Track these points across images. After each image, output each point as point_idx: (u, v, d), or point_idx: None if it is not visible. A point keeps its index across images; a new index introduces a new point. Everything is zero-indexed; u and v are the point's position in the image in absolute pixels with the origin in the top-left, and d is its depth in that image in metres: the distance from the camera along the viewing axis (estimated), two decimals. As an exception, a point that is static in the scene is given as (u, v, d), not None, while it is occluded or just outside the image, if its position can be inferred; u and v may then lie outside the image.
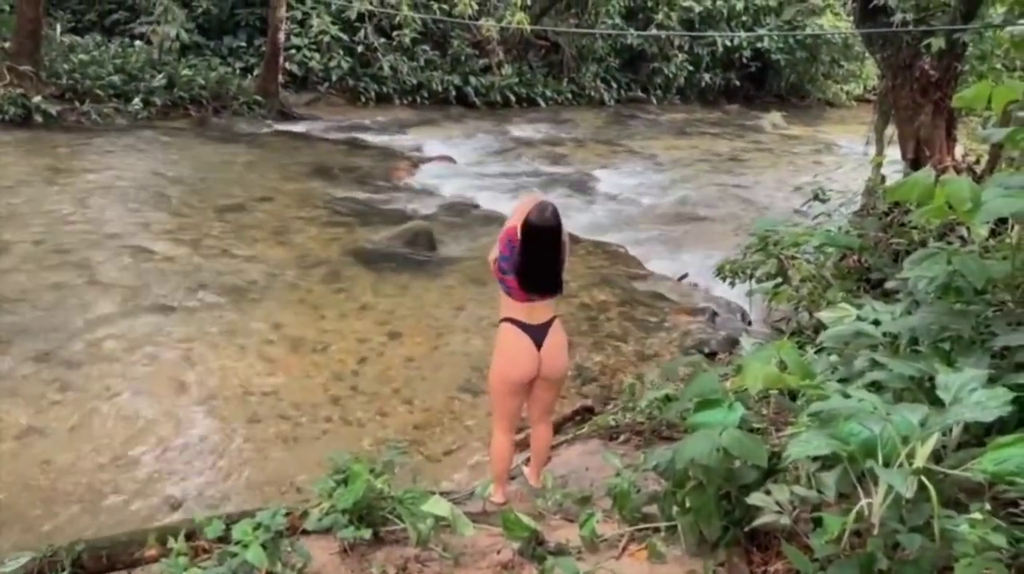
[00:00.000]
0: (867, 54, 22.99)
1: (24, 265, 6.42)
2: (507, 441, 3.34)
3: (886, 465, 1.74)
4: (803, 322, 4.89)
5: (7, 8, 13.85)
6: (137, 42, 14.83)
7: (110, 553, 2.78)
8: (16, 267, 6.37)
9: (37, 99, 11.64)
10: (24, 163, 9.70)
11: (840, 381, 2.78)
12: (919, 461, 1.74)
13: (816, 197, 5.37)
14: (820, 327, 4.59)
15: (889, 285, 4.07)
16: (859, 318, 2.97)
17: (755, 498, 2.03)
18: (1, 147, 10.30)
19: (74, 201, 8.33)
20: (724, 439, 2.14)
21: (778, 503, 1.98)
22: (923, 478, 1.69)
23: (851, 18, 20.03)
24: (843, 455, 1.81)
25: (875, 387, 2.54)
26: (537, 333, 3.19)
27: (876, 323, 2.89)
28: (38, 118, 11.54)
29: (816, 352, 3.49)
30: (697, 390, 2.46)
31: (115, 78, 13.09)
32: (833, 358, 3.20)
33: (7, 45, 12.27)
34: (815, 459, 1.95)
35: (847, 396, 1.91)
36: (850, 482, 1.87)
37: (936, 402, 2.14)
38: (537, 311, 3.19)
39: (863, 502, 1.76)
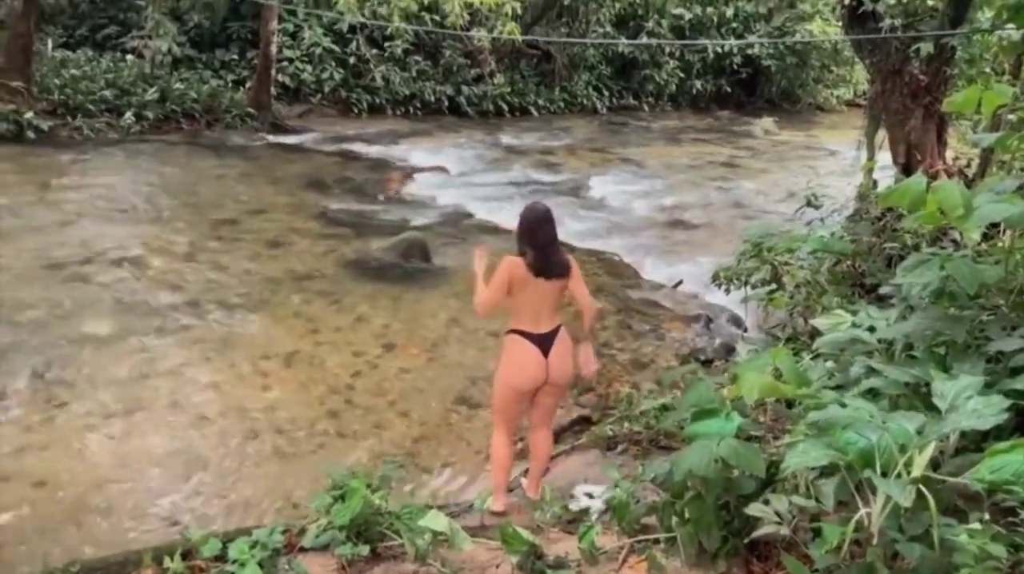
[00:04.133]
0: (857, 59, 23.20)
1: (17, 281, 6.38)
2: (509, 448, 3.46)
3: (884, 474, 1.74)
4: (798, 328, 4.89)
5: (-2, 24, 13.83)
6: (129, 56, 14.83)
7: (106, 573, 2.76)
8: (9, 283, 6.33)
9: (29, 115, 11.61)
10: (16, 179, 9.66)
11: (836, 388, 2.78)
12: (917, 470, 1.73)
13: (809, 203, 5.39)
14: (815, 333, 4.60)
15: (883, 290, 4.08)
16: (854, 324, 2.98)
17: (754, 509, 2.02)
18: (-8, 163, 10.26)
19: (67, 216, 8.30)
20: (722, 449, 2.13)
21: (777, 513, 1.97)
22: (921, 487, 1.68)
23: (840, 24, 20.18)
24: (841, 464, 1.80)
25: (871, 394, 2.54)
26: (544, 341, 3.32)
27: (871, 329, 2.90)
28: (30, 134, 11.50)
29: (812, 358, 3.49)
30: (694, 399, 2.46)
31: (107, 92, 13.07)
32: (829, 364, 3.20)
33: (-2, 61, 12.24)
34: (813, 468, 1.95)
35: (843, 405, 1.91)
36: (848, 491, 1.87)
37: (932, 409, 2.14)
38: (543, 320, 3.33)
39: (862, 511, 1.75)
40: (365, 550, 2.69)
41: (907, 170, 7.00)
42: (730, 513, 2.39)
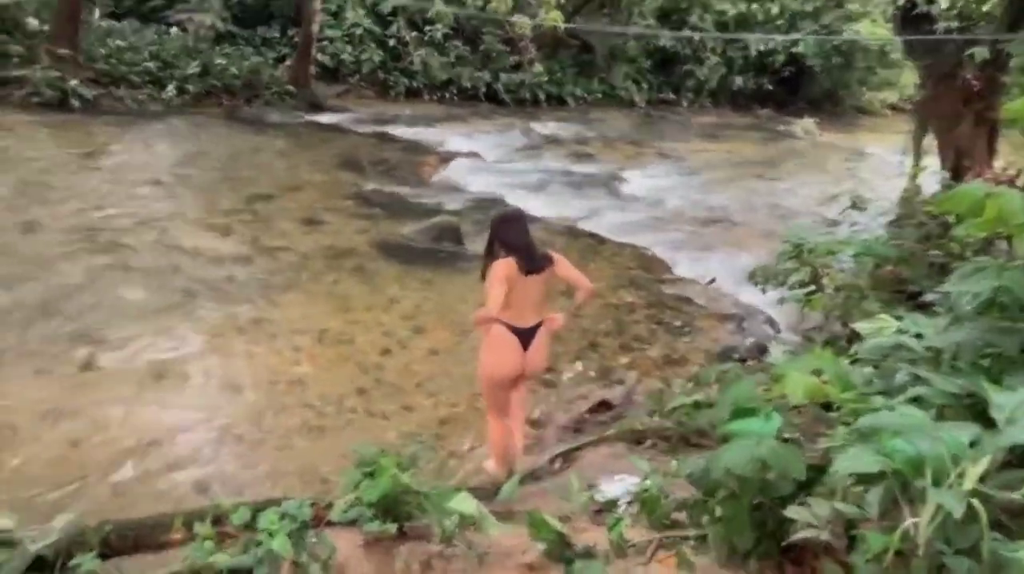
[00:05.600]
0: (904, 62, 22.68)
1: (56, 246, 6.51)
2: (503, 425, 3.79)
3: (935, 484, 1.69)
4: (836, 332, 4.80)
5: (48, -8, 14.06)
6: (173, 29, 15.02)
7: (137, 535, 2.80)
8: (48, 247, 6.45)
9: (74, 83, 11.81)
10: (58, 145, 9.84)
11: (877, 394, 2.72)
12: (969, 482, 1.68)
13: (854, 205, 5.27)
14: (854, 338, 4.50)
15: (928, 298, 3.98)
16: (900, 330, 2.90)
17: (793, 512, 1.98)
18: (37, 129, 10.47)
19: (106, 185, 8.44)
20: (762, 450, 2.09)
21: (817, 517, 1.92)
22: (973, 500, 1.63)
23: (890, 25, 19.73)
24: (888, 472, 1.75)
25: (916, 402, 2.48)
26: (525, 335, 3.59)
27: (918, 336, 2.82)
28: (74, 101, 11.71)
29: (850, 363, 3.42)
30: (733, 398, 2.41)
31: (150, 64, 13.26)
32: (868, 370, 3.13)
33: (46, 28, 12.45)
34: (853, 474, 1.90)
35: (894, 411, 1.86)
36: (894, 500, 1.82)
37: (979, 420, 2.07)
38: (527, 314, 3.58)
39: (909, 521, 1.70)
40: (392, 528, 2.69)
41: (956, 176, 6.83)
42: (764, 514, 2.35)
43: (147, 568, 2.58)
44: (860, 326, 3.25)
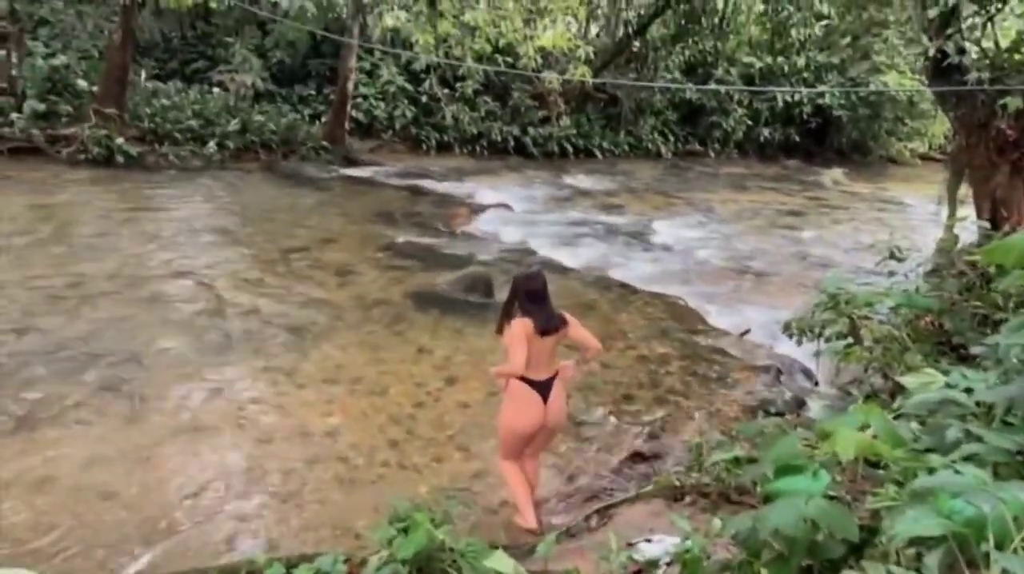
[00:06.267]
0: (934, 112, 22.63)
1: (99, 298, 6.67)
2: (520, 474, 3.94)
3: (997, 548, 1.61)
4: (876, 385, 4.68)
5: (96, 54, 14.76)
6: (215, 89, 15.62)
7: (171, 590, 2.78)
8: (91, 299, 6.61)
9: (120, 140, 12.29)
10: (104, 200, 10.18)
11: (925, 451, 2.63)
12: (1034, 545, 1.60)
13: (892, 255, 5.18)
14: (896, 391, 4.39)
15: (974, 350, 3.87)
16: (948, 385, 2.82)
17: (847, 576, 1.90)
18: (84, 185, 10.86)
19: (149, 238, 8.68)
20: (811, 509, 2.01)
21: (873, 582, 1.84)
22: (1040, 565, 1.55)
23: (920, 76, 19.75)
24: (948, 535, 1.68)
25: (969, 460, 2.39)
26: (543, 388, 3.76)
27: (967, 391, 2.74)
28: (120, 158, 12.17)
29: (894, 418, 3.32)
30: (778, 454, 2.35)
31: (193, 122, 13.74)
32: (914, 426, 3.04)
33: (95, 89, 13.03)
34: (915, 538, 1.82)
35: (957, 471, 1.79)
36: (954, 564, 1.74)
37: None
38: (542, 369, 3.75)
39: (972, 588, 1.62)
40: (427, 586, 2.64)
41: (994, 227, 6.72)
42: (813, 577, 2.25)
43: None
44: (905, 380, 3.17)
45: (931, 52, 7.41)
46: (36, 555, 3.43)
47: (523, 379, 3.74)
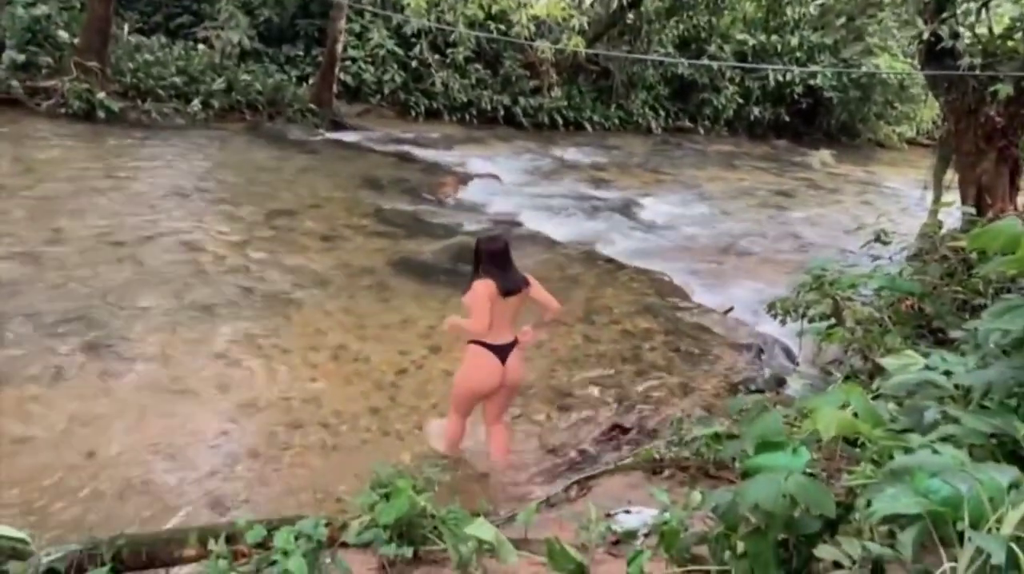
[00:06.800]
0: (924, 97, 22.66)
1: (79, 256, 6.57)
2: (463, 426, 4.19)
3: (973, 527, 1.64)
4: (856, 366, 4.74)
5: (78, 5, 14.36)
6: (200, 46, 15.24)
7: (150, 550, 2.77)
8: (71, 257, 6.51)
9: (101, 95, 12.00)
10: (85, 156, 9.98)
11: (902, 432, 2.67)
12: (1008, 526, 1.63)
13: (878, 239, 5.23)
14: (875, 372, 4.45)
15: (954, 334, 3.92)
16: (927, 367, 2.86)
17: (824, 550, 1.93)
18: (64, 140, 10.62)
19: (130, 196, 8.54)
20: (790, 485, 2.04)
21: (849, 557, 1.88)
22: (1013, 545, 1.58)
23: (912, 60, 19.74)
24: (924, 513, 1.71)
25: (946, 441, 2.43)
26: (502, 351, 3.94)
27: (947, 374, 2.78)
28: (101, 114, 11.89)
29: (873, 399, 3.37)
30: (760, 431, 2.37)
31: (177, 79, 13.44)
32: (892, 406, 3.08)
33: (76, 41, 12.68)
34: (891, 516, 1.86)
35: (935, 451, 1.82)
36: (927, 542, 1.77)
37: (1009, 461, 2.03)
38: (503, 332, 3.92)
39: (946, 566, 1.66)
40: (408, 552, 2.66)
41: (978, 212, 6.79)
42: (788, 551, 2.30)
43: (160, 584, 2.55)
44: (885, 361, 3.21)
45: (925, 35, 7.39)
46: (12, 509, 3.41)
47: (483, 344, 3.90)
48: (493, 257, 3.93)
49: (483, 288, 3.82)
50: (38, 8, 12.46)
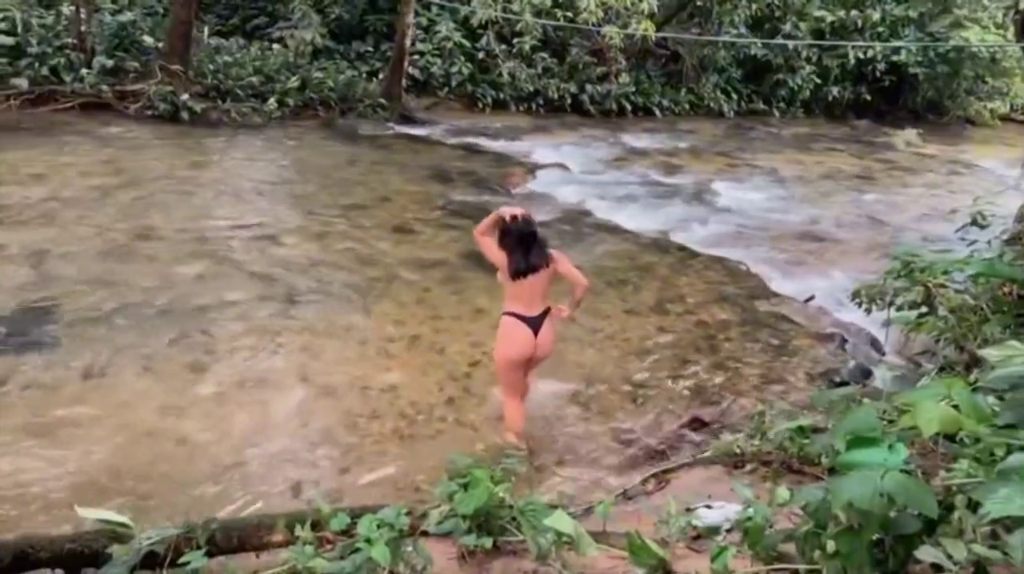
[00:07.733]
0: (1018, 70, 21.27)
1: (167, 252, 6.87)
2: (519, 405, 4.30)
3: (1094, 533, 1.53)
4: (950, 357, 4.49)
5: (161, 11, 14.99)
6: (275, 45, 15.68)
7: (241, 534, 2.88)
8: (160, 253, 6.82)
9: (184, 97, 12.51)
10: (170, 156, 10.43)
11: (1006, 427, 2.52)
12: None
13: (974, 222, 4.93)
14: (972, 364, 4.21)
15: (1061, 324, 3.67)
16: (1036, 359, 2.68)
17: (925, 553, 1.84)
18: (150, 140, 11.13)
19: (214, 194, 8.88)
20: (888, 483, 1.95)
21: (952, 560, 1.78)
22: None
23: (1003, 32, 18.57)
24: (1038, 516, 1.60)
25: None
26: (534, 322, 4.10)
27: (1057, 366, 2.60)
28: (184, 115, 12.40)
29: (971, 392, 3.19)
30: (852, 426, 2.27)
31: (254, 79, 13.87)
32: (992, 400, 2.91)
33: (160, 45, 13.26)
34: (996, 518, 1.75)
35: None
36: (1042, 547, 1.66)
37: None
38: (534, 305, 4.10)
39: (1064, 573, 1.55)
40: (487, 542, 2.67)
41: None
42: (884, 552, 2.20)
43: (250, 568, 2.64)
44: (986, 352, 3.02)
45: (1021, 5, 6.93)
46: (112, 495, 3.61)
47: (515, 315, 4.07)
48: (510, 239, 4.06)
49: (502, 259, 4.06)
50: (124, 15, 13.05)
